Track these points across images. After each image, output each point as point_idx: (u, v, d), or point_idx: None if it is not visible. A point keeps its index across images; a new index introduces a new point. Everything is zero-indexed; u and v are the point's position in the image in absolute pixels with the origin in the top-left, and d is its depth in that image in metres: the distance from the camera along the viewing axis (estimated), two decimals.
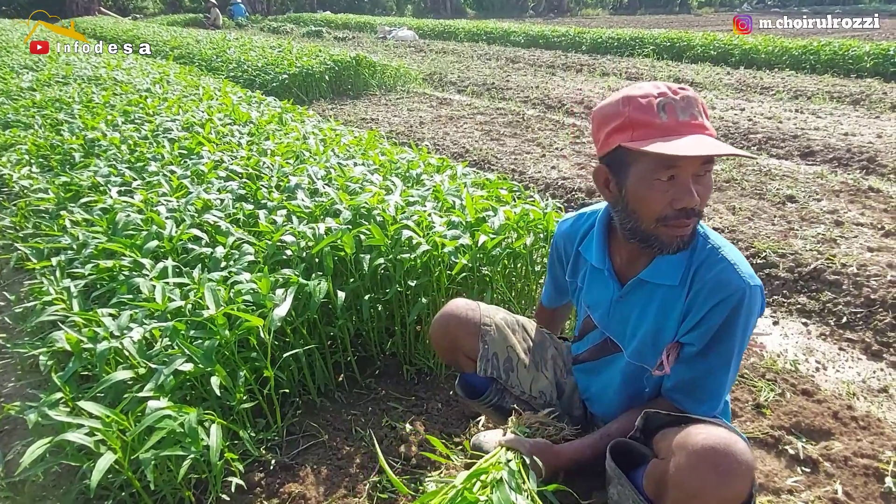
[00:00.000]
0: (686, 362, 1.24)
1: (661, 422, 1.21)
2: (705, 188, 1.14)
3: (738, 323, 1.17)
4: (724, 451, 1.02)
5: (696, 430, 1.08)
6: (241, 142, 3.37)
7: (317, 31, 18.18)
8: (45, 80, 5.74)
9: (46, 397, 1.40)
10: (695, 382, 1.24)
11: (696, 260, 1.22)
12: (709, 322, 1.19)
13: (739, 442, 1.05)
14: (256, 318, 1.58)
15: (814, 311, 2.57)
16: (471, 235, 2.00)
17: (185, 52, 10.09)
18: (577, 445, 1.32)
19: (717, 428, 1.09)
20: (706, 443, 1.03)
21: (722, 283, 1.17)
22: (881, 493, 1.58)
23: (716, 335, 1.19)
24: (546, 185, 4.20)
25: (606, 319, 1.39)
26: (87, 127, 3.66)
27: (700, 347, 1.21)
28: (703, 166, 1.11)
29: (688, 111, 1.10)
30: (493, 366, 1.48)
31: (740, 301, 1.16)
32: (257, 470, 1.66)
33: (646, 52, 11.41)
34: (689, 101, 1.11)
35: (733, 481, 1.01)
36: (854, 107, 6.46)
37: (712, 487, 1.00)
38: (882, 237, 3.12)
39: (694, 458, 1.03)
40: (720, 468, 1.01)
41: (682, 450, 1.05)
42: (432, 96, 7.95)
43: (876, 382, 2.11)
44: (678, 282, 1.23)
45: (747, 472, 1.02)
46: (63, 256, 2.07)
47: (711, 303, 1.18)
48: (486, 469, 1.18)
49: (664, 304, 1.26)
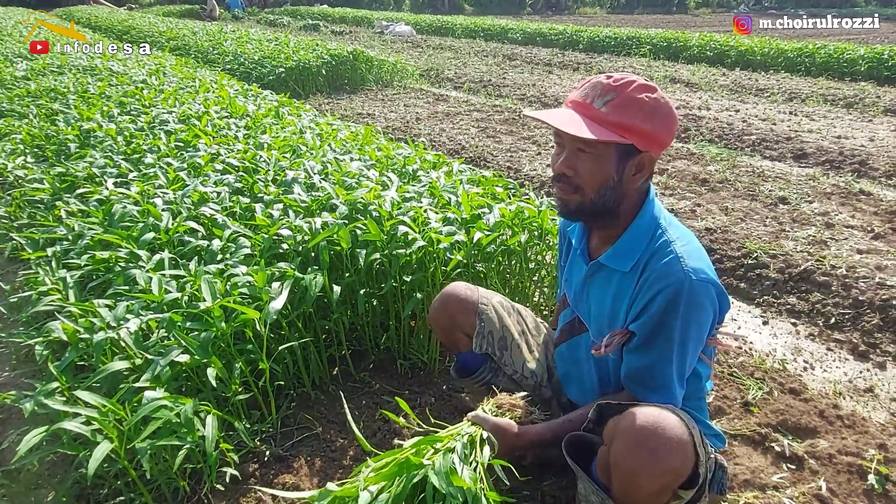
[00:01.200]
0: (633, 351, 1.27)
1: (613, 411, 1.23)
2: (583, 166, 1.23)
3: (677, 315, 1.19)
4: (652, 429, 1.06)
5: (629, 413, 1.12)
6: (238, 135, 3.37)
7: (314, 24, 18.10)
8: (39, 69, 5.71)
9: (42, 387, 1.41)
10: (643, 371, 1.26)
11: (649, 250, 1.26)
12: (649, 311, 1.22)
13: (669, 418, 1.08)
14: (252, 310, 1.60)
15: (803, 312, 2.61)
16: (466, 232, 2.01)
17: (182, 43, 10.04)
18: (539, 428, 1.34)
19: (649, 408, 1.11)
20: (635, 423, 1.08)
21: (663, 274, 1.20)
22: (864, 489, 1.61)
23: (655, 326, 1.21)
24: (541, 184, 4.23)
25: (576, 298, 1.45)
26: (83, 117, 3.65)
27: (642, 337, 1.24)
28: (576, 143, 1.22)
29: (587, 92, 1.22)
30: (487, 342, 1.56)
31: (678, 293, 1.17)
32: (251, 461, 1.68)
33: (642, 52, 11.44)
34: (597, 85, 1.21)
35: (666, 457, 1.05)
36: (847, 110, 6.51)
37: (646, 465, 1.05)
38: (871, 240, 3.16)
39: (626, 440, 1.08)
40: (649, 446, 1.05)
41: (617, 433, 1.10)
42: (429, 92, 7.95)
43: (862, 382, 2.14)
44: (629, 268, 1.27)
45: (678, 446, 1.05)
46: (58, 247, 2.07)
47: (652, 292, 1.21)
48: (440, 438, 1.22)
49: (619, 290, 1.30)
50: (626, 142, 1.19)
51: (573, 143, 1.23)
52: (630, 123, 1.18)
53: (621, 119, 1.18)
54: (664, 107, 1.21)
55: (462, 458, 1.15)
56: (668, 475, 1.06)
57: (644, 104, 1.19)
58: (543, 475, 1.58)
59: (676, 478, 1.07)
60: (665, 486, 1.08)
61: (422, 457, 1.16)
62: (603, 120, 1.19)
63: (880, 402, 2.04)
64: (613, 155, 1.22)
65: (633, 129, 1.19)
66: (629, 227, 1.29)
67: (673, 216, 1.34)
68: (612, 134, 1.18)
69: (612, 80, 1.21)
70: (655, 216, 1.29)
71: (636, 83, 1.20)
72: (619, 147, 1.21)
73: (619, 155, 1.22)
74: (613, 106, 1.19)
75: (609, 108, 1.19)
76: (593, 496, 1.20)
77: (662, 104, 1.21)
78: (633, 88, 1.19)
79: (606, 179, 1.23)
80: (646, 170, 1.25)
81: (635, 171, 1.24)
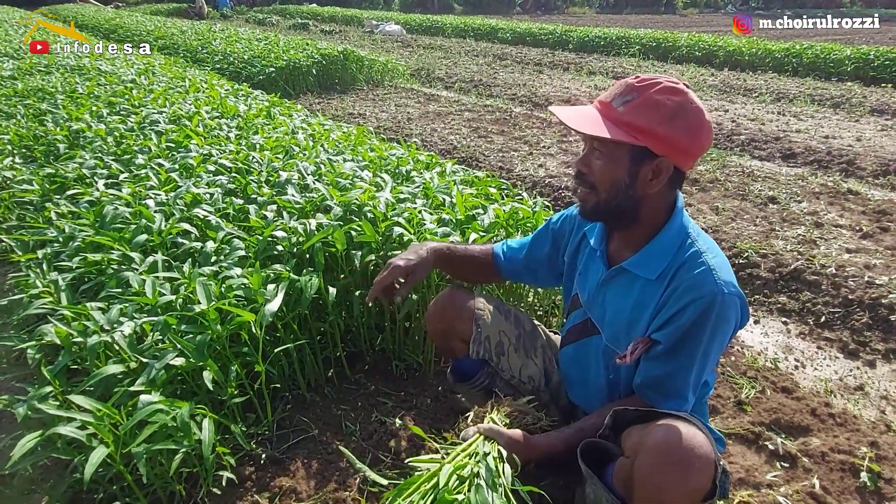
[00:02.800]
0: (655, 359, 1.26)
1: (630, 417, 1.23)
2: (596, 164, 1.24)
3: (706, 327, 1.18)
4: (681, 446, 1.05)
5: (656, 428, 1.11)
6: (230, 135, 3.35)
7: (303, 23, 18.03)
8: (26, 68, 5.64)
9: (35, 391, 1.40)
10: (662, 380, 1.25)
11: (678, 259, 1.24)
12: (678, 321, 1.20)
13: (698, 435, 1.08)
14: (248, 313, 1.59)
15: (793, 311, 2.64)
16: (461, 233, 2.02)
17: (170, 42, 9.96)
18: (551, 439, 1.32)
19: (676, 423, 1.11)
20: (664, 440, 1.07)
21: (696, 284, 1.19)
22: (857, 487, 1.63)
23: (683, 335, 1.20)
24: (533, 183, 4.24)
25: (591, 300, 1.43)
26: (72, 118, 3.61)
27: (668, 346, 1.23)
28: (593, 142, 1.23)
29: (614, 92, 1.21)
30: (485, 348, 1.54)
31: (710, 305, 1.17)
32: (248, 464, 1.67)
33: (632, 52, 11.50)
34: (623, 85, 1.20)
35: (694, 475, 1.05)
36: (835, 110, 6.58)
37: (674, 483, 1.05)
38: (860, 239, 3.20)
39: (654, 456, 1.07)
40: (680, 464, 1.05)
41: (644, 448, 1.09)
42: (420, 92, 7.94)
43: (852, 380, 2.17)
44: (656, 277, 1.25)
45: (706, 464, 1.06)
46: (49, 249, 2.04)
47: (682, 302, 1.20)
48: (463, 464, 1.19)
49: (642, 297, 1.28)
50: (639, 143, 1.17)
51: (591, 142, 1.23)
52: (644, 125, 1.16)
53: (635, 120, 1.16)
54: (690, 112, 1.16)
55: (491, 485, 1.14)
56: (696, 494, 1.06)
57: (663, 107, 1.15)
58: (541, 475, 1.59)
59: (701, 495, 1.07)
60: (690, 503, 1.08)
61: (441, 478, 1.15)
62: (617, 119, 1.18)
63: (870, 399, 2.07)
64: (626, 156, 1.19)
65: (646, 132, 1.16)
66: (658, 234, 1.26)
67: (699, 227, 1.32)
68: (623, 134, 1.16)
69: (636, 81, 1.18)
70: (685, 226, 1.27)
71: (661, 85, 1.17)
72: (633, 149, 1.18)
73: (633, 157, 1.19)
74: (631, 106, 1.17)
75: (626, 108, 1.17)
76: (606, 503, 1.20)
77: (689, 109, 1.16)
78: (655, 90, 1.16)
79: (617, 180, 1.21)
80: (663, 176, 1.20)
81: (651, 176, 1.21)
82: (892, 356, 2.29)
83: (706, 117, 1.18)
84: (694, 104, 1.17)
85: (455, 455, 1.22)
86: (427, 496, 1.13)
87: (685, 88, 1.18)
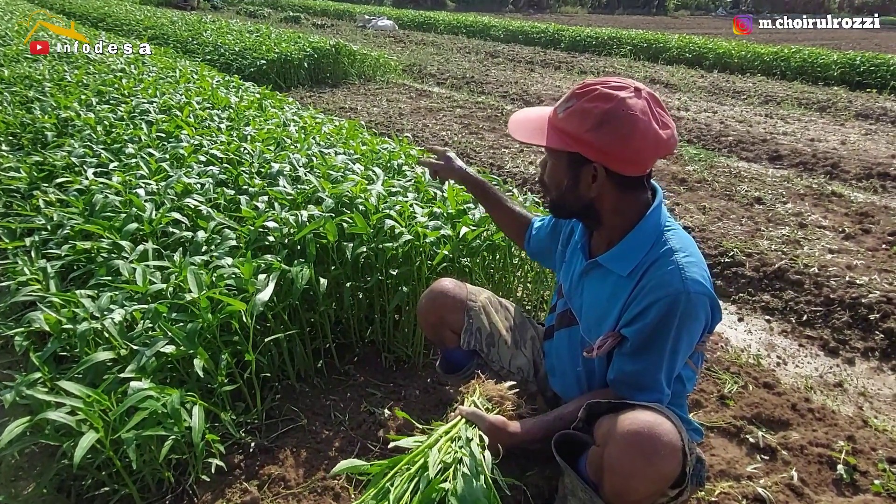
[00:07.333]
0: (625, 356, 1.28)
1: (602, 409, 1.25)
2: (547, 167, 1.30)
3: (672, 325, 1.18)
4: (648, 434, 1.09)
5: (624, 417, 1.14)
6: (221, 126, 3.34)
7: (295, 16, 17.92)
8: (12, 55, 5.56)
9: (24, 377, 1.40)
10: (633, 375, 1.27)
11: (650, 257, 1.25)
12: (644, 319, 1.22)
13: (664, 423, 1.11)
14: (239, 302, 1.59)
15: (777, 309, 2.69)
16: (452, 227, 2.03)
17: (160, 32, 9.86)
18: (530, 427, 1.33)
19: (644, 412, 1.14)
20: (631, 428, 1.10)
21: (662, 283, 1.20)
22: (833, 479, 1.67)
23: (650, 333, 1.22)
24: (524, 180, 4.26)
25: (571, 291, 1.45)
26: (60, 106, 3.58)
27: (635, 343, 1.24)
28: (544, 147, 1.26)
29: (562, 98, 1.24)
30: (475, 339, 1.57)
31: (674, 304, 1.17)
32: (237, 452, 1.68)
33: (623, 52, 11.57)
34: (569, 92, 1.23)
35: (659, 461, 1.08)
36: (821, 113, 6.68)
37: (641, 469, 1.08)
38: (842, 240, 3.26)
39: (622, 444, 1.10)
40: (646, 451, 1.08)
41: (612, 436, 1.12)
42: (412, 87, 7.94)
43: (832, 377, 2.22)
44: (627, 273, 1.27)
45: (672, 451, 1.09)
46: (37, 237, 2.03)
47: (648, 300, 1.21)
48: (446, 448, 1.21)
49: (614, 292, 1.30)
50: (571, 150, 1.20)
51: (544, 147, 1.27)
52: (573, 131, 1.18)
53: (567, 126, 1.20)
54: (621, 118, 1.14)
55: (473, 473, 1.15)
56: (663, 480, 1.09)
57: (589, 114, 1.16)
58: (526, 466, 1.61)
59: (668, 481, 1.10)
60: (658, 490, 1.11)
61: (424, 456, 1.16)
62: (554, 126, 1.22)
63: (849, 396, 2.11)
64: (565, 161, 1.24)
65: (576, 138, 1.18)
66: (631, 231, 1.28)
67: (679, 226, 1.32)
68: (557, 141, 1.21)
69: (579, 87, 1.21)
70: (660, 224, 1.27)
71: (596, 92, 1.17)
72: (570, 154, 1.22)
73: (570, 162, 1.23)
74: (567, 113, 1.20)
75: (564, 115, 1.21)
76: (581, 492, 1.22)
77: (620, 115, 1.14)
78: (588, 97, 1.17)
79: (561, 183, 1.26)
80: (600, 180, 1.21)
81: (592, 180, 1.22)
82: (870, 354, 2.34)
83: (641, 123, 1.14)
84: (628, 111, 1.14)
85: (437, 437, 1.24)
86: (412, 480, 1.15)
87: (625, 95, 1.15)
